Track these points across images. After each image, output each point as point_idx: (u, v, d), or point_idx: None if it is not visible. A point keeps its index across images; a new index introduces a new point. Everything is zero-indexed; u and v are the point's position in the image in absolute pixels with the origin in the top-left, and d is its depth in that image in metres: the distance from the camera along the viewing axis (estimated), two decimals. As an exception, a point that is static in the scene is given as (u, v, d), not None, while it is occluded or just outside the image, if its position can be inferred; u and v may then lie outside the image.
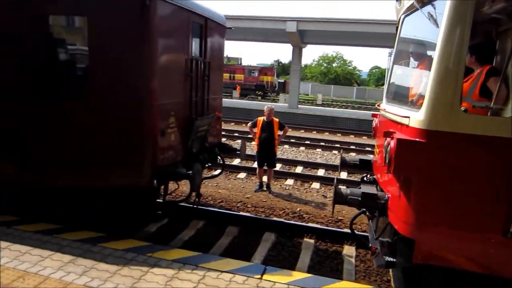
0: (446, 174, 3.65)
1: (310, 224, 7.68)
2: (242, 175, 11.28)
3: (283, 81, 53.95)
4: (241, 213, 8.16)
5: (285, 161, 13.19)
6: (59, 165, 5.14)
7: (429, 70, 3.72)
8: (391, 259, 4.18)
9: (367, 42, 28.68)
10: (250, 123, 9.88)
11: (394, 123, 4.43)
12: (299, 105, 30.42)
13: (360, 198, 4.54)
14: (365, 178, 6.18)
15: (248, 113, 26.53)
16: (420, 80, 4.18)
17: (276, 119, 9.63)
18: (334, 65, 72.62)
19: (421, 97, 3.82)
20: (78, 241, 4.61)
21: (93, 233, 4.93)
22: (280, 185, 10.57)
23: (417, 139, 3.68)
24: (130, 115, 4.99)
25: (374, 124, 5.97)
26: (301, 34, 27.00)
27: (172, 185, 6.94)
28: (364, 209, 5.20)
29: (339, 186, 4.85)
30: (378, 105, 5.59)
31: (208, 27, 6.41)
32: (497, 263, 3.72)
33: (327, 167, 12.82)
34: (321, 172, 12.24)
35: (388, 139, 3.98)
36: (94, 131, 5.01)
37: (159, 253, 4.47)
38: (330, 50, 73.49)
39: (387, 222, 4.36)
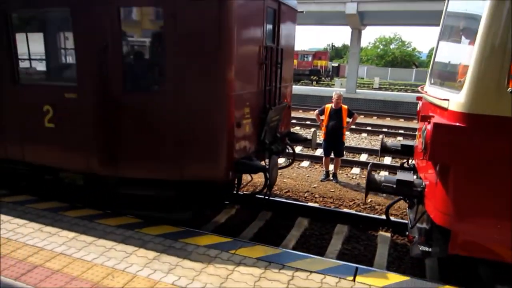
0: (489, 161, 3.37)
1: (384, 217, 7.30)
2: (305, 163, 11.01)
3: (336, 65, 52.58)
4: (310, 204, 7.91)
5: (349, 149, 12.71)
6: (136, 156, 5.13)
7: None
8: (427, 249, 4.06)
9: (427, 21, 26.89)
10: (317, 110, 9.52)
11: (435, 107, 4.15)
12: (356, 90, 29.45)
13: (394, 186, 4.35)
14: (405, 165, 5.95)
15: (303, 99, 26.05)
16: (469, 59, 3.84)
17: (345, 106, 9.20)
18: (391, 46, 69.80)
19: None
20: (159, 236, 4.57)
21: (172, 227, 4.87)
22: (346, 174, 10.21)
23: (456, 124, 3.42)
24: (207, 106, 4.84)
25: (418, 108, 5.61)
26: (361, 16, 25.93)
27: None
28: (401, 197, 4.99)
29: (373, 173, 4.65)
30: (421, 88, 5.23)
31: (281, 11, 6.13)
32: None
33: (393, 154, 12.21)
34: (387, 160, 11.70)
35: (426, 123, 3.78)
36: (171, 123, 4.91)
37: (242, 250, 4.33)
38: (387, 31, 70.68)
39: (423, 210, 4.18)
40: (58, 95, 5.29)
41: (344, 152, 11.99)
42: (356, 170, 10.52)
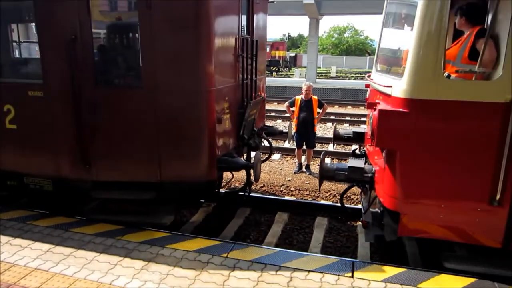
0: (431, 144, 3.55)
1: (361, 206, 7.32)
2: (276, 156, 10.92)
3: (294, 55, 52.77)
4: (287, 197, 7.82)
5: (317, 139, 12.74)
6: (112, 157, 4.79)
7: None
8: (380, 233, 4.22)
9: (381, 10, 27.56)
10: (288, 102, 9.44)
11: (380, 94, 4.29)
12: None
13: (346, 172, 4.44)
14: (356, 151, 6.12)
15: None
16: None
17: (315, 97, 9.18)
18: (345, 35, 70.98)
19: None
20: (144, 243, 4.26)
21: (157, 232, 4.58)
22: (318, 165, 10.17)
23: (399, 109, 3.57)
24: (187, 102, 4.55)
25: (367, 95, 5.75)
26: (318, 5, 26.04)
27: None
28: (353, 183, 5.10)
29: (326, 161, 4.77)
30: (369, 75, 5.34)
31: (255, 2, 5.91)
32: (481, 232, 3.68)
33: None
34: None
35: (372, 110, 3.93)
36: (148, 121, 4.59)
37: (234, 252, 4.12)
38: (341, 20, 71.61)
39: (374, 195, 4.31)
40: (20, 93, 4.83)
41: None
42: (326, 160, 10.49)
